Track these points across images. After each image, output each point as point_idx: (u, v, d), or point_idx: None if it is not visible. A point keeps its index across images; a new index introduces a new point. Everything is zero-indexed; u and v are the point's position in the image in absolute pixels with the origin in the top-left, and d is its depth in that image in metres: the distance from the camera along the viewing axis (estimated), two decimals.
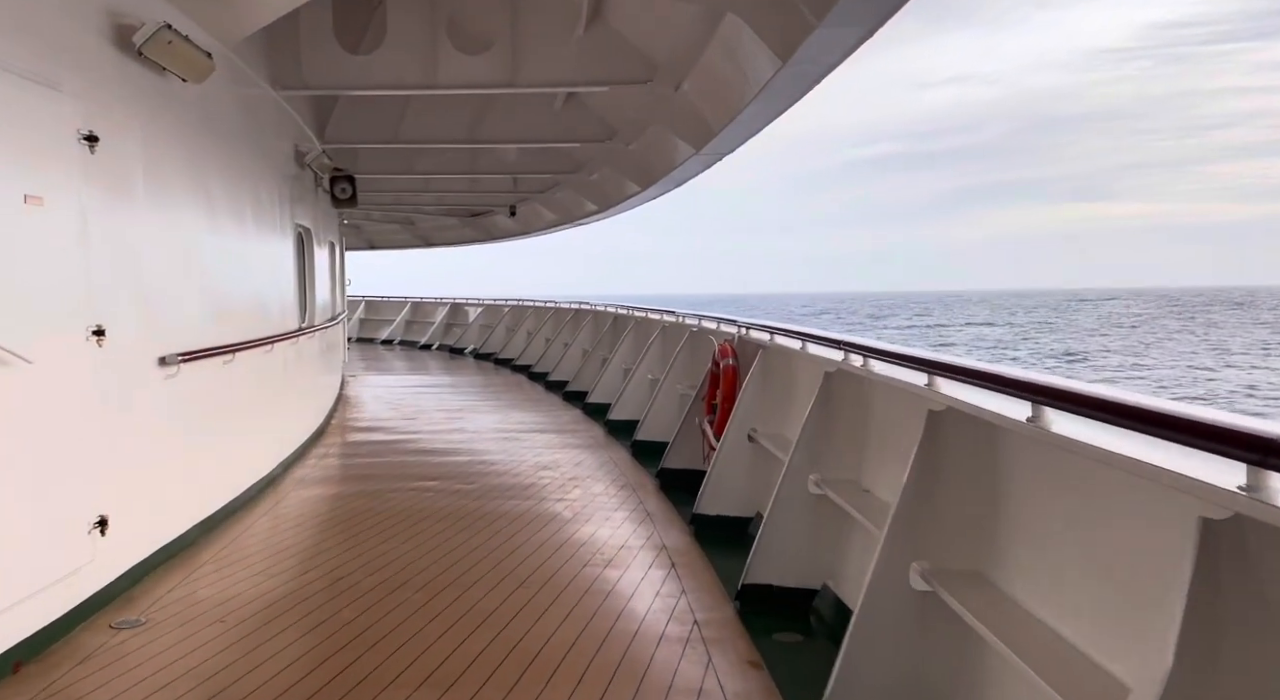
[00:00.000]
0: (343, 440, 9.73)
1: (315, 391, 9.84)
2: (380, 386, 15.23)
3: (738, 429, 6.12)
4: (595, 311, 15.19)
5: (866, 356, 4.25)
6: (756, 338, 6.71)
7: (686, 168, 8.83)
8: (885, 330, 79.82)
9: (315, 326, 9.72)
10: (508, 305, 22.14)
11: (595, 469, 8.19)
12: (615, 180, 12.55)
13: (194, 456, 5.61)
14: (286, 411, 8.10)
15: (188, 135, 5.61)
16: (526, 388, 15.07)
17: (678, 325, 10.08)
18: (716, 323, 8.28)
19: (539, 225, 19.22)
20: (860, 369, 4.32)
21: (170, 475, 5.24)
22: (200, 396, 5.69)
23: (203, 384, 5.70)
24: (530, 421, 11.11)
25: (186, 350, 5.27)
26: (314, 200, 10.11)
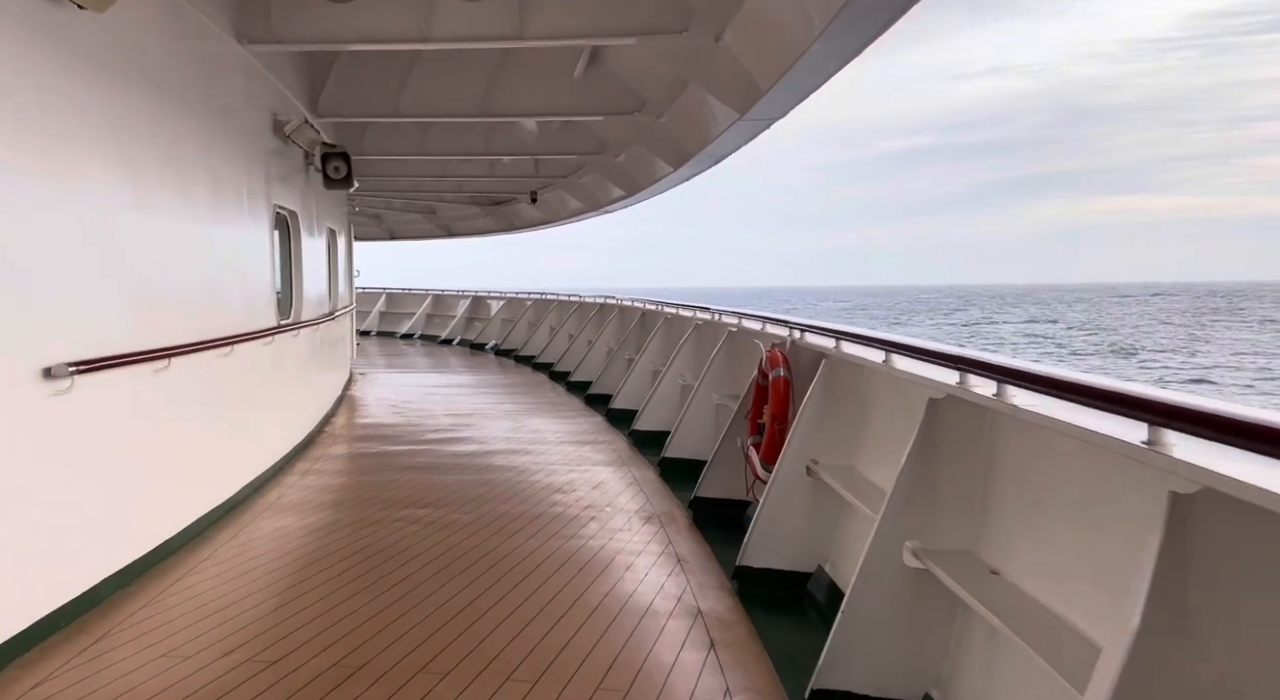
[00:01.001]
0: (333, 452, 8.58)
1: (303, 396, 8.70)
2: (389, 386, 14.11)
3: (794, 459, 4.85)
4: (621, 306, 13.94)
5: (1003, 381, 2.96)
6: (815, 344, 5.43)
7: (726, 139, 7.54)
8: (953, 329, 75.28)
9: (304, 322, 8.57)
10: (530, 299, 20.99)
11: (617, 493, 6.95)
12: (644, 160, 11.27)
13: (97, 498, 4.44)
14: (257, 422, 6.95)
15: (101, 86, 4.43)
16: (546, 389, 13.87)
17: (713, 324, 8.81)
18: (761, 323, 6.99)
19: (564, 214, 18.00)
20: (992, 399, 3.03)
21: (54, 528, 4.06)
22: (113, 415, 4.52)
23: (118, 399, 4.53)
24: (547, 430, 9.90)
25: (90, 358, 4.11)
26: (304, 181, 8.96)
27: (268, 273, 7.23)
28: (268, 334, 7.03)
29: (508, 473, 7.62)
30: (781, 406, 5.32)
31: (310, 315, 9.00)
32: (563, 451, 8.65)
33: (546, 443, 9.12)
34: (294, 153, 8.45)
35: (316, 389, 9.72)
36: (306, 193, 9.07)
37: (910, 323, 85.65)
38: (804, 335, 5.73)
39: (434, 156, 12.80)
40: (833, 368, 4.89)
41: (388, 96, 9.35)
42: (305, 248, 8.83)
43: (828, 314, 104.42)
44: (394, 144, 12.38)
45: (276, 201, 7.58)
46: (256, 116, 7.01)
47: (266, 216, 7.23)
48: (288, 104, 7.82)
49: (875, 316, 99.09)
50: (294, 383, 8.30)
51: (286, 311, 8.38)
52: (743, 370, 7.48)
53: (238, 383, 6.41)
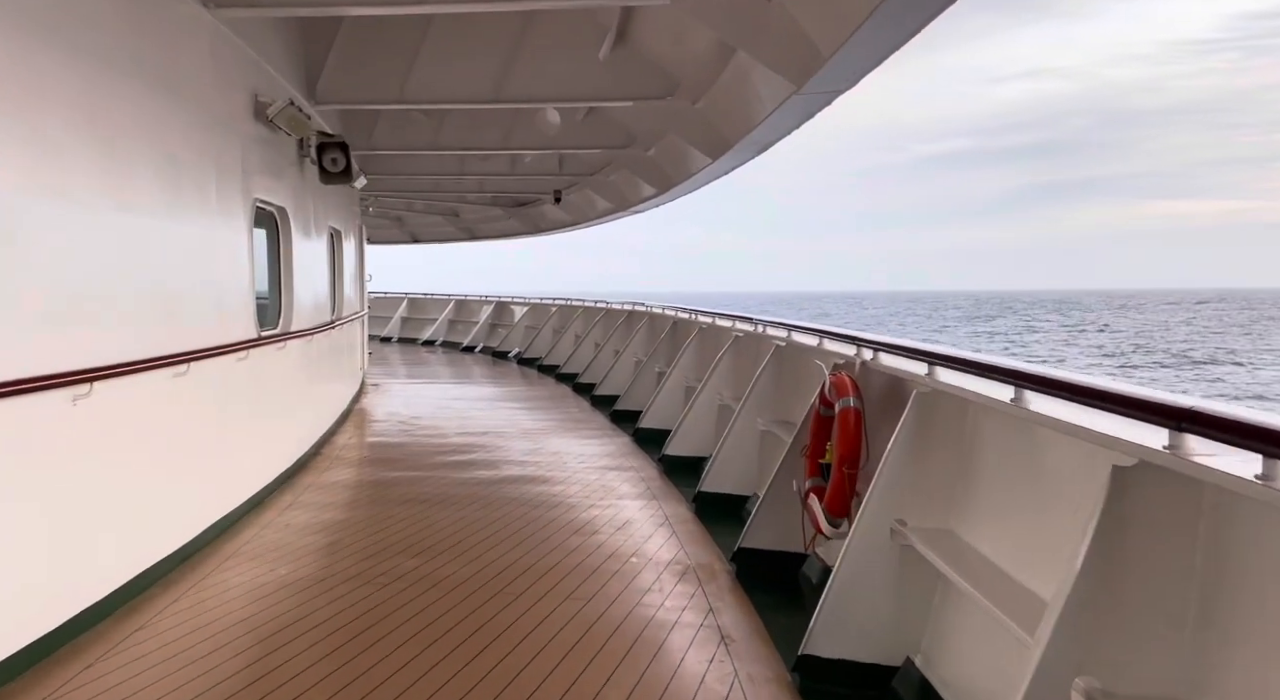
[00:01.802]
0: (326, 480, 7.60)
1: (293, 415, 7.73)
2: (401, 398, 13.16)
3: (875, 518, 3.76)
4: (651, 314, 12.89)
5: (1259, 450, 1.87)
6: (896, 368, 4.35)
7: (776, 120, 6.44)
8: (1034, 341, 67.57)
9: (294, 333, 7.61)
10: (555, 305, 20.00)
11: (645, 537, 5.89)
12: (678, 152, 10.22)
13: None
14: (228, 450, 5.97)
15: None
16: (569, 403, 12.84)
17: (756, 337, 7.73)
18: (817, 338, 5.91)
19: (591, 215, 17.00)
20: (1239, 479, 1.95)
21: None
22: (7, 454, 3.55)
23: (12, 436, 3.56)
24: (568, 453, 8.87)
25: None
26: (298, 175, 8.01)
27: (244, 276, 6.27)
28: (242, 348, 6.06)
29: (520, 508, 6.58)
30: (852, 446, 4.24)
31: (304, 324, 8.05)
32: (584, 480, 7.60)
33: (566, 469, 8.08)
34: (284, 142, 7.50)
35: (313, 405, 8.76)
36: (301, 188, 8.12)
37: (955, 330, 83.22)
38: (877, 355, 4.65)
39: (450, 151, 11.84)
40: (927, 403, 3.80)
41: (393, 80, 8.38)
42: (298, 249, 7.88)
43: (867, 321, 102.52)
44: (407, 137, 11.43)
45: (259, 196, 6.62)
46: (230, 95, 6.05)
47: (244, 212, 6.27)
48: (272, 84, 6.86)
49: (910, 322, 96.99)
50: (280, 401, 7.33)
51: (272, 321, 7.42)
52: (794, 393, 6.39)
53: (200, 405, 5.43)
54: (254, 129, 6.56)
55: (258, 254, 7.03)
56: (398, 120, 11.38)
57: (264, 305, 7.45)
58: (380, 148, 11.48)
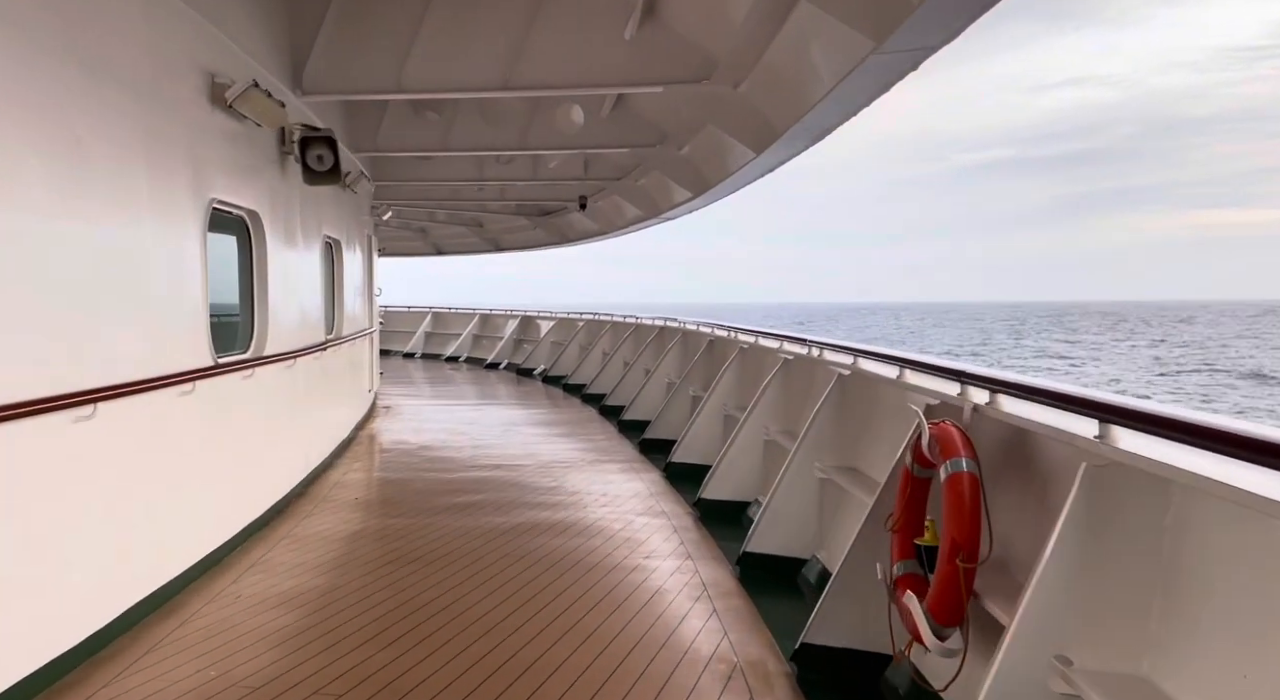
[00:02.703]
0: (299, 532, 6.50)
1: (258, 458, 6.58)
2: (414, 421, 12.08)
3: (1025, 649, 2.55)
4: (684, 331, 11.70)
5: None
6: (1035, 423, 3.14)
7: (844, 94, 5.19)
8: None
9: (269, 357, 6.53)
10: (581, 319, 18.90)
11: (678, 616, 4.70)
12: (716, 148, 9.06)
13: None
14: (165, 507, 4.86)
15: None
16: (594, 428, 11.67)
17: (810, 362, 6.53)
18: (897, 368, 4.69)
19: (619, 223, 15.86)
20: None
21: None
22: None
23: None
24: (590, 495, 7.70)
25: None
26: (277, 174, 6.95)
27: (193, 292, 5.19)
28: (187, 378, 4.97)
29: (527, 571, 5.42)
30: (969, 530, 3.02)
31: (286, 346, 6.97)
32: (607, 531, 6.43)
33: (587, 515, 6.91)
34: (259, 137, 6.44)
35: (300, 438, 7.68)
36: (283, 190, 7.06)
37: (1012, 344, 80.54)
38: (995, 400, 3.42)
39: (463, 152, 10.76)
40: (1104, 481, 2.58)
41: (388, 68, 7.31)
42: (278, 260, 6.82)
43: (905, 333, 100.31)
44: (415, 137, 10.39)
45: (218, 197, 5.55)
46: (172, 72, 4.98)
47: (194, 215, 5.19)
48: (235, 63, 5.79)
49: (957, 332, 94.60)
50: (248, 439, 6.24)
51: (244, 343, 6.35)
52: (864, 436, 5.17)
53: (118, 455, 4.34)
54: (212, 117, 5.49)
55: (220, 266, 5.97)
56: (403, 118, 10.34)
57: (234, 325, 6.40)
58: (386, 148, 10.45)
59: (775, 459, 6.76)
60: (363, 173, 9.97)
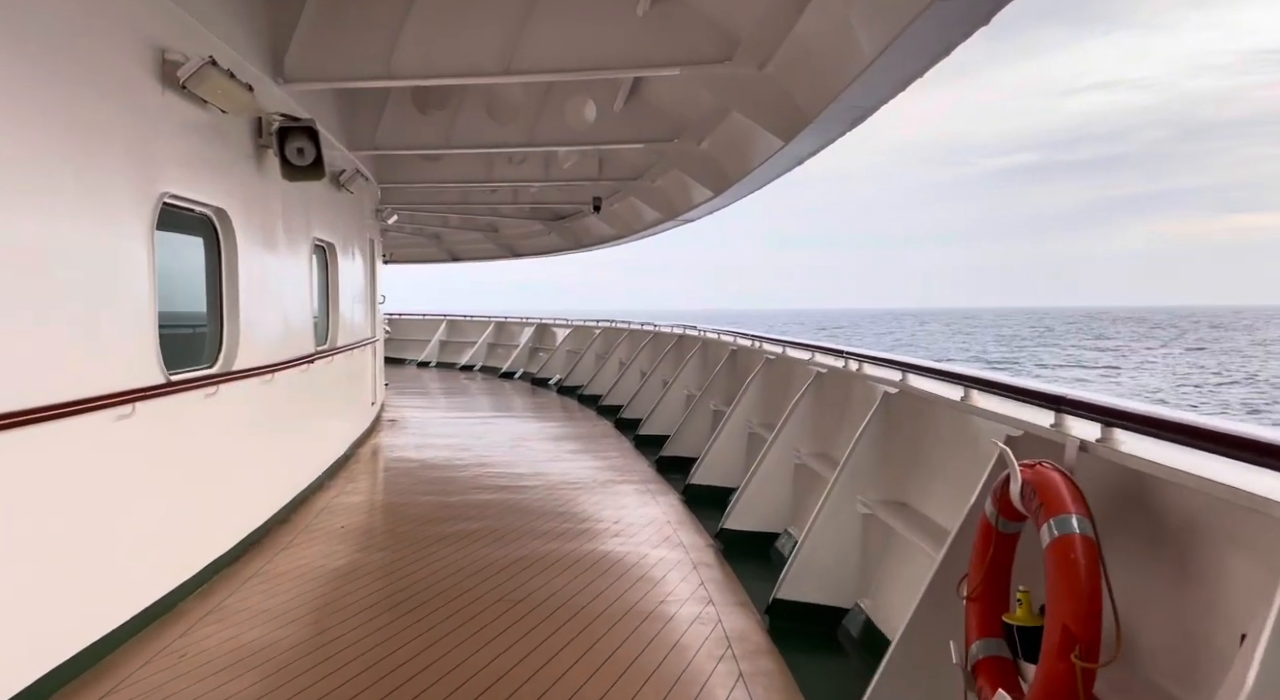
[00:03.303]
0: (271, 569, 5.80)
1: (222, 488, 5.85)
2: (418, 436, 11.38)
3: None
4: (704, 339, 10.95)
5: None
6: (1173, 468, 2.37)
7: (897, 59, 4.40)
8: None
9: (237, 372, 5.84)
10: (598, 327, 18.19)
11: (696, 682, 3.94)
12: (737, 139, 8.32)
13: None
14: (67, 576, 4.14)
15: None
16: (610, 445, 10.93)
17: (847, 377, 5.78)
18: (960, 387, 3.91)
19: (637, 227, 15.14)
20: None
21: None
22: None
23: None
24: (599, 522, 6.97)
25: None
26: (252, 170, 6.27)
27: (137, 300, 4.51)
28: (127, 399, 4.28)
29: (524, 620, 4.69)
30: (1089, 613, 2.25)
31: (263, 359, 6.29)
32: (618, 567, 5.68)
33: (597, 546, 6.17)
34: (228, 126, 5.76)
35: (280, 461, 6.98)
36: (259, 188, 6.38)
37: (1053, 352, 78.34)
38: (1110, 436, 2.65)
39: (468, 150, 10.09)
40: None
41: (376, 51, 6.64)
42: (253, 265, 6.14)
43: (931, 337, 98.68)
44: (417, 133, 9.73)
45: (171, 191, 4.86)
46: (107, 44, 4.31)
47: (138, 212, 4.51)
48: (192, 37, 5.10)
49: (980, 342, 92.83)
50: (213, 465, 5.53)
51: (211, 356, 5.67)
52: (916, 467, 4.41)
53: (26, 490, 3.64)
54: (165, 102, 4.81)
55: (178, 272, 5.30)
56: (404, 114, 9.68)
57: (201, 337, 5.72)
58: (386, 146, 9.79)
59: (809, 487, 5.99)
60: (359, 171, 9.32)
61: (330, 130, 8.87)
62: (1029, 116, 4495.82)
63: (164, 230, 5.29)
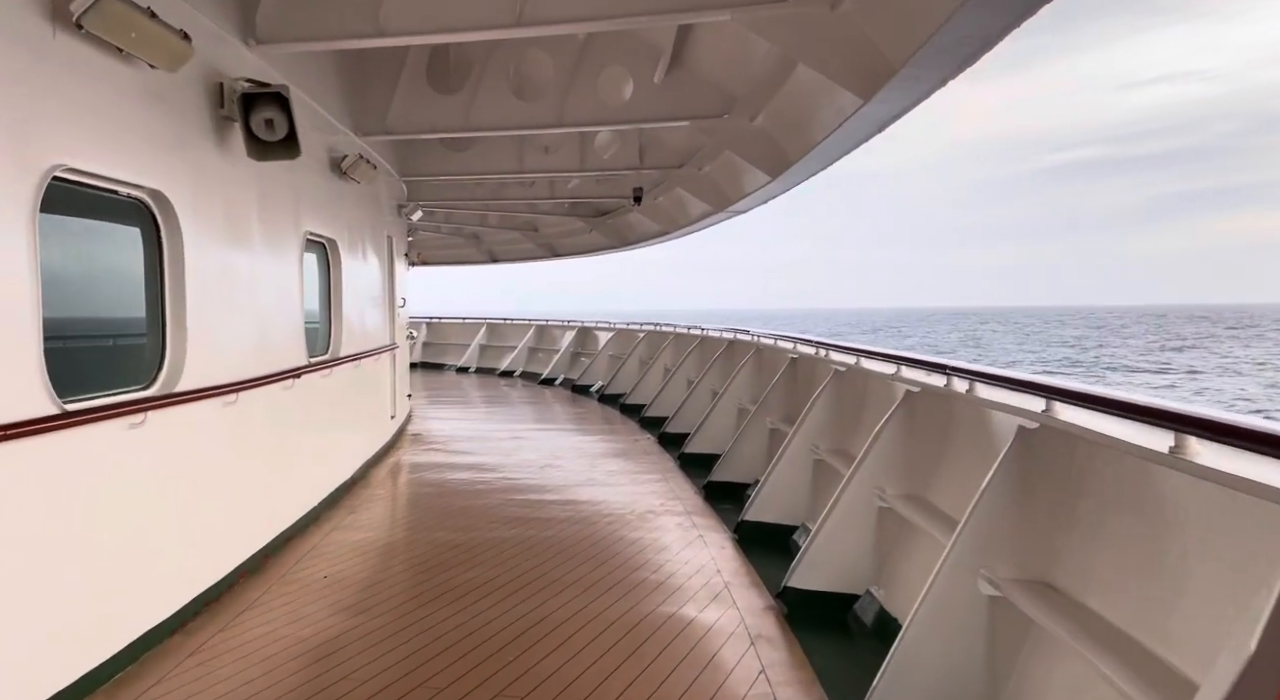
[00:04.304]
0: (228, 635, 4.68)
1: (169, 536, 4.70)
2: (439, 454, 10.25)
3: None
4: (759, 346, 9.65)
5: None
6: None
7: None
8: None
9: (196, 392, 4.73)
10: (642, 330, 16.97)
11: None
12: (801, 109, 7.02)
13: None
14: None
15: None
16: (654, 463, 9.69)
17: (953, 399, 4.46)
18: (1171, 432, 2.60)
19: (683, 221, 13.88)
20: None
21: None
22: None
23: None
24: (635, 570, 5.75)
25: None
26: (210, 147, 5.15)
27: (18, 304, 3.39)
28: None
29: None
30: None
31: (223, 375, 5.18)
32: (649, 651, 4.44)
33: (628, 619, 4.94)
34: (166, 88, 4.64)
35: (248, 501, 5.84)
36: (219, 169, 5.26)
37: None
38: None
39: (490, 132, 8.94)
40: None
41: (361, 4, 5.50)
42: (211, 261, 5.03)
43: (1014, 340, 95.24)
44: (431, 115, 8.62)
45: (66, 163, 3.73)
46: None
47: (15, 192, 3.40)
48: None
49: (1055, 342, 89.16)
50: (136, 517, 4.39)
51: (147, 374, 4.57)
52: (1073, 522, 3.09)
53: None
54: (55, 44, 3.68)
55: (66, 269, 4.20)
56: (416, 93, 8.58)
57: (134, 351, 4.63)
58: (398, 130, 8.70)
59: (900, 537, 4.70)
60: (367, 159, 8.22)
61: (331, 111, 7.79)
62: (1091, 111, 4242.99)
63: (86, 217, 4.22)
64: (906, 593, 4.33)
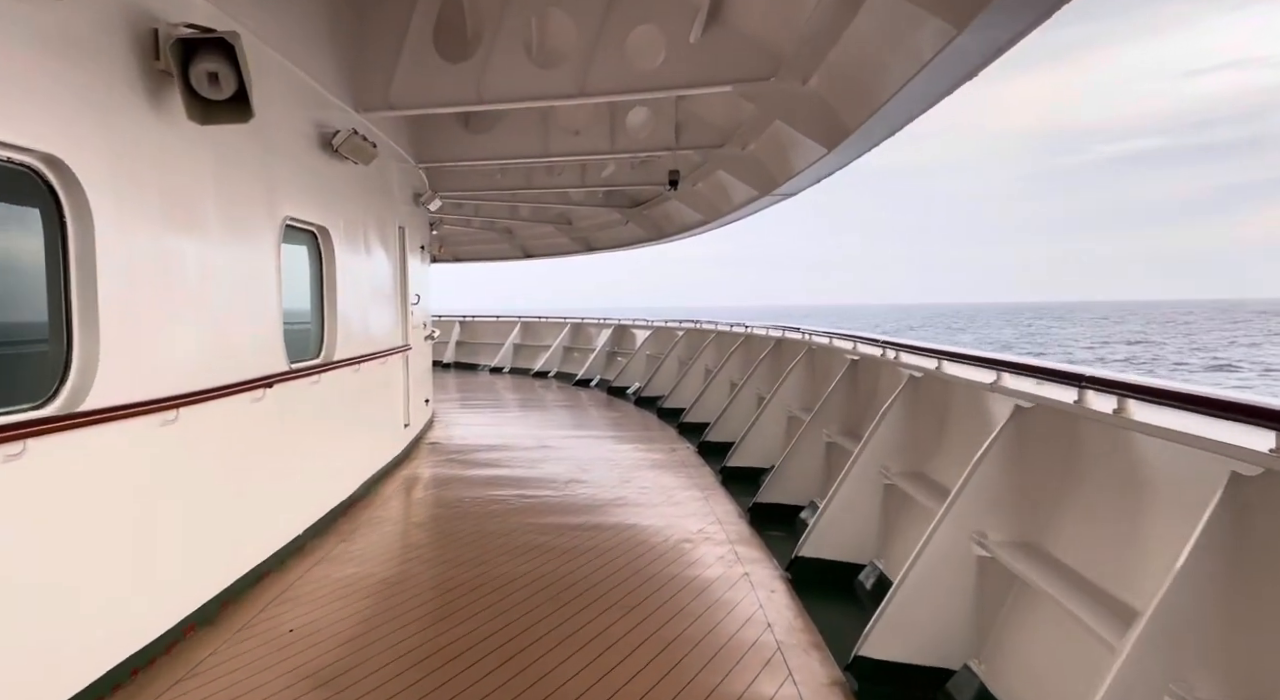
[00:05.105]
0: None
1: (96, 584, 3.84)
2: (457, 464, 9.28)
3: None
4: (811, 346, 8.51)
5: None
6: None
7: None
8: None
9: (102, 412, 3.77)
10: (681, 328, 15.90)
11: None
12: (867, 57, 5.89)
13: None
14: None
15: None
16: (689, 476, 8.62)
17: (1070, 418, 3.33)
18: None
19: (725, 208, 12.75)
20: None
21: None
22: None
23: None
24: (660, 629, 4.70)
25: None
26: (143, 107, 4.20)
27: None
28: None
29: None
30: None
31: (151, 389, 4.21)
32: None
33: (667, 680, 3.89)
34: (83, 34, 3.70)
35: (206, 535, 4.90)
36: (152, 136, 4.29)
37: None
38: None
39: (505, 104, 7.92)
40: None
41: None
42: (132, 253, 4.07)
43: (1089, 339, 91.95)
44: (437, 87, 7.64)
45: None
46: None
47: None
48: None
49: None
50: (41, 565, 3.46)
51: (47, 389, 3.62)
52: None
53: None
54: None
55: None
56: (422, 63, 7.60)
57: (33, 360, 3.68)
58: (401, 106, 7.73)
59: (1000, 592, 3.58)
60: (359, 134, 7.24)
61: (324, 83, 6.85)
62: (1151, 99, 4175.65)
63: None
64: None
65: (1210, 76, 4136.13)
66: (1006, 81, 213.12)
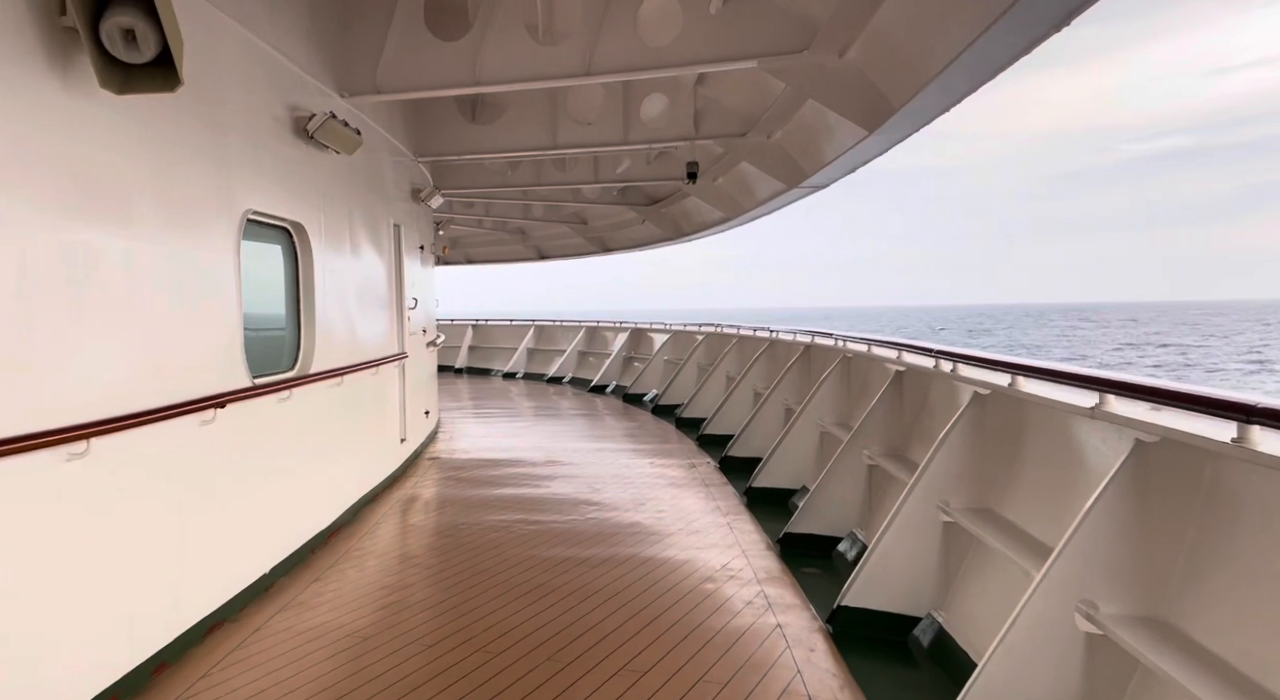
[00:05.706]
0: None
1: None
2: (456, 484, 8.48)
3: None
4: (846, 354, 7.65)
5: None
6: None
7: None
8: None
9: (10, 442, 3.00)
10: (701, 332, 15.07)
11: None
12: (914, 24, 5.05)
13: None
14: None
15: None
16: (712, 499, 7.78)
17: (1184, 449, 2.47)
18: None
19: (748, 204, 11.91)
20: None
21: None
22: None
23: None
24: None
25: None
26: (43, 71, 3.44)
27: None
28: None
29: None
30: None
31: (66, 416, 3.45)
32: None
33: None
34: None
35: (131, 593, 4.14)
36: (51, 106, 3.51)
37: None
38: None
39: (501, 86, 7.15)
40: None
41: None
42: (26, 249, 3.30)
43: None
44: (429, 69, 6.88)
45: None
46: None
47: None
48: None
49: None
50: None
51: None
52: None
53: None
54: None
55: None
56: (410, 40, 6.84)
57: None
58: (389, 89, 6.97)
59: (1091, 661, 2.77)
60: (338, 118, 6.47)
61: (298, 61, 6.09)
62: (1178, 99, 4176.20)
63: None
64: None
65: (1241, 73, 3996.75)
66: (1032, 82, 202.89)
